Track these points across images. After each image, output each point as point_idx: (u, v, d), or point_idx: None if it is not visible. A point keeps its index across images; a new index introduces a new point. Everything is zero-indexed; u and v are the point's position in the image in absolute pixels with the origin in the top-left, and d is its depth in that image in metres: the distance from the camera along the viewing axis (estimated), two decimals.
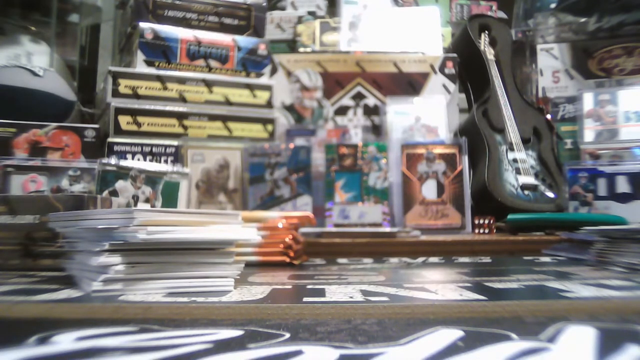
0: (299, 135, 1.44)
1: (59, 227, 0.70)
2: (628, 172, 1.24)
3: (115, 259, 0.55)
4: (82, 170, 1.09)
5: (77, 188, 1.08)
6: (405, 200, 1.31)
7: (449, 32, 1.77)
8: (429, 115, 1.49)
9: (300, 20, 1.72)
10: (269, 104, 1.41)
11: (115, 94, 1.27)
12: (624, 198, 1.23)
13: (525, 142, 1.47)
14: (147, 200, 1.09)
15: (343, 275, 0.75)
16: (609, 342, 0.35)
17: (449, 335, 0.36)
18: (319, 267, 0.90)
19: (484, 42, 1.62)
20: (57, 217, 0.71)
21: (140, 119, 1.28)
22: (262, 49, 1.43)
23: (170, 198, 1.13)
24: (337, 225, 1.28)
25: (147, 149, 1.26)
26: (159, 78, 1.31)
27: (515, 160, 1.42)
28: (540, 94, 1.61)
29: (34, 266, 0.78)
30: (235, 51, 1.40)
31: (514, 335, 0.36)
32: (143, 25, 1.33)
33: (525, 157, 1.43)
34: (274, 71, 1.50)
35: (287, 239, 0.91)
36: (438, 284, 0.64)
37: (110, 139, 1.25)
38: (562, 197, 1.33)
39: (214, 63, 1.38)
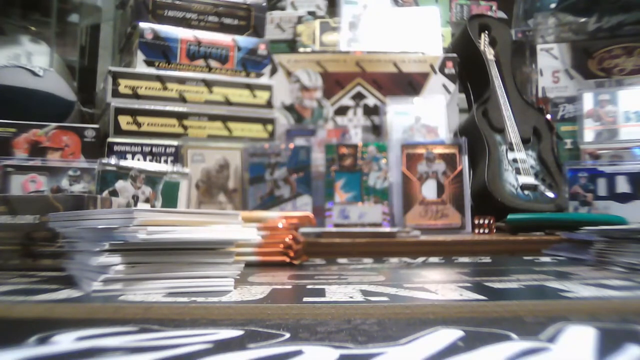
0: (299, 135, 1.44)
1: (59, 227, 0.70)
2: (628, 172, 1.24)
3: (115, 259, 0.55)
4: (82, 170, 1.09)
5: (77, 188, 1.08)
6: (405, 200, 1.31)
7: (449, 32, 1.77)
8: (429, 115, 1.49)
9: (300, 20, 1.72)
10: (269, 104, 1.41)
11: (115, 94, 1.27)
12: (624, 198, 1.23)
13: (525, 142, 1.47)
14: (147, 200, 1.09)
15: (343, 275, 0.75)
16: (609, 342, 0.35)
17: (449, 335, 0.36)
18: (319, 267, 0.90)
19: (484, 42, 1.62)
20: (57, 217, 0.71)
21: (140, 119, 1.28)
22: (262, 49, 1.43)
23: (170, 198, 1.13)
24: (337, 225, 1.28)
25: (147, 149, 1.26)
26: (159, 78, 1.31)
27: (515, 160, 1.42)
28: (540, 94, 1.61)
29: (34, 266, 0.77)
30: (235, 51, 1.40)
31: (514, 335, 0.36)
32: (143, 25, 1.33)
33: (525, 157, 1.43)
34: (274, 71, 1.50)
35: (287, 239, 0.91)
36: (438, 284, 0.64)
37: (110, 139, 1.25)
38: (562, 197, 1.33)
39: (214, 63, 1.38)
